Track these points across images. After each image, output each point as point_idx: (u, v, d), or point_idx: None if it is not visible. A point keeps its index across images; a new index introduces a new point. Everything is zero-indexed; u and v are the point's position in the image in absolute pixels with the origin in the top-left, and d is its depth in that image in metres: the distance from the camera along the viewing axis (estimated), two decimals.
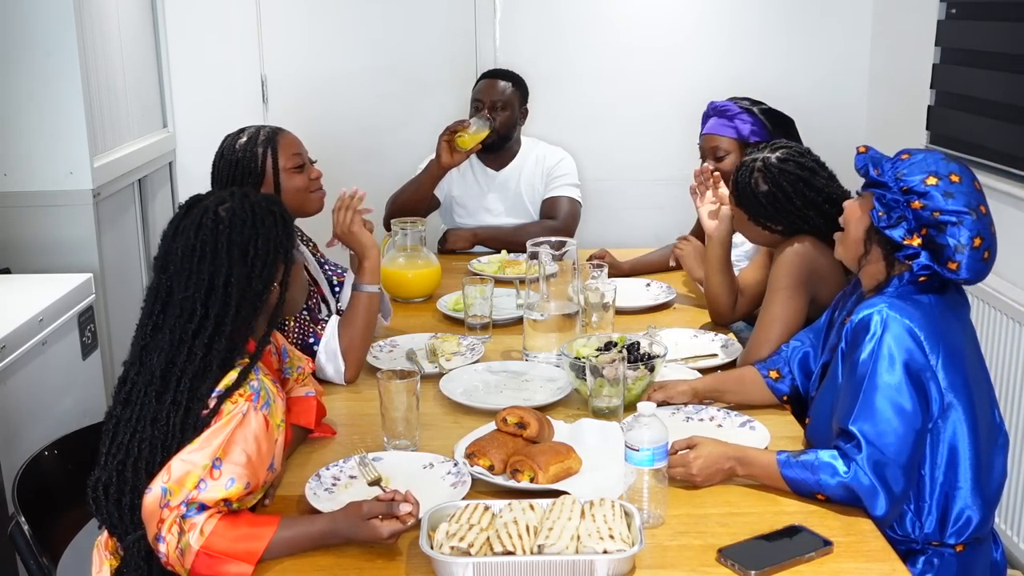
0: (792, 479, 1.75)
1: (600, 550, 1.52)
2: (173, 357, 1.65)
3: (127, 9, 3.80)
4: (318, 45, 4.30)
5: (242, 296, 1.69)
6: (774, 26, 4.27)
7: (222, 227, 1.71)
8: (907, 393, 1.72)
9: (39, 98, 3.20)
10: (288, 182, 2.38)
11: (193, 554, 1.55)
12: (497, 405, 2.12)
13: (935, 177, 1.78)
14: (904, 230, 1.80)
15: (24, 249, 3.23)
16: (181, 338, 1.66)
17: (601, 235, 3.79)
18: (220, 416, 1.62)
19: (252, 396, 1.66)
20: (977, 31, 3.36)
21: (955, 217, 1.76)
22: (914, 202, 1.78)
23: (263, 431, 1.66)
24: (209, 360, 1.65)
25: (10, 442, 2.41)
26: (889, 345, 1.74)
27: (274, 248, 1.75)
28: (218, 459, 1.60)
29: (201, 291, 1.68)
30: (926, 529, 1.79)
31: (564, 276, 2.41)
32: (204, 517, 1.56)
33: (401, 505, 1.60)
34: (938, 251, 1.78)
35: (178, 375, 1.64)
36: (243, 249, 1.71)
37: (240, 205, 1.75)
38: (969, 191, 1.78)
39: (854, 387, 1.76)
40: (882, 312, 1.76)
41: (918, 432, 1.73)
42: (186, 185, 4.30)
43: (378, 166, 4.24)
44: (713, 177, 2.63)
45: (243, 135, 2.40)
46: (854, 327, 1.80)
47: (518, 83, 3.59)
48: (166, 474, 1.58)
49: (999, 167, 3.17)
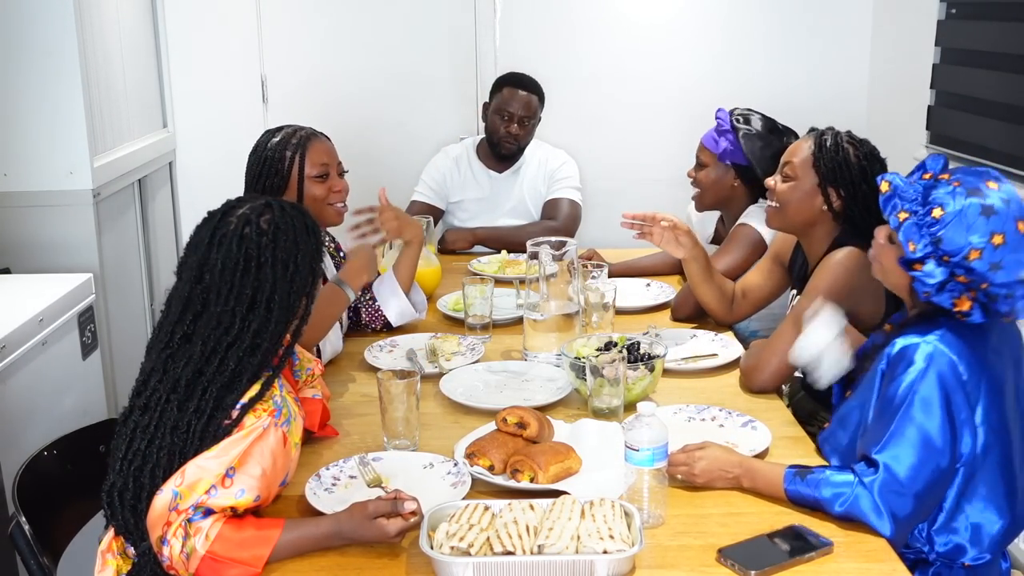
0: (798, 501, 1.73)
1: (600, 550, 1.52)
2: (203, 367, 1.63)
3: (127, 9, 3.80)
4: (318, 45, 4.30)
5: (281, 311, 1.68)
6: (774, 27, 4.27)
7: (266, 240, 1.68)
8: (940, 431, 1.67)
9: (39, 98, 3.20)
10: (309, 190, 2.38)
11: (199, 559, 1.54)
12: (497, 405, 2.12)
13: (977, 251, 1.64)
14: (951, 297, 1.70)
15: (24, 249, 3.23)
16: (214, 349, 1.63)
17: (601, 236, 3.78)
18: (241, 427, 1.62)
19: (275, 412, 1.66)
20: (977, 31, 3.36)
21: (1006, 290, 1.66)
22: (960, 276, 1.67)
23: (280, 447, 1.66)
24: (240, 372, 1.63)
25: (10, 442, 2.41)
26: (931, 382, 1.67)
27: (311, 263, 1.73)
28: (232, 468, 1.59)
29: (243, 305, 1.65)
30: (939, 550, 1.76)
31: (564, 276, 2.41)
32: (210, 522, 1.56)
33: (406, 503, 1.61)
34: (989, 306, 1.69)
35: (205, 385, 1.62)
36: (286, 264, 1.69)
37: (281, 217, 1.72)
38: (1015, 247, 1.64)
39: (888, 417, 1.70)
40: (931, 345, 1.68)
41: (942, 470, 1.68)
42: (186, 185, 4.30)
43: (378, 165, 4.23)
44: (652, 218, 2.53)
45: (278, 134, 2.39)
46: (899, 352, 1.72)
47: (541, 93, 3.58)
48: (179, 477, 1.58)
49: (999, 167, 3.16)
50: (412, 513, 1.61)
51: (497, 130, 3.53)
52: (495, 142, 3.56)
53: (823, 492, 1.69)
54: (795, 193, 2.31)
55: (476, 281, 2.65)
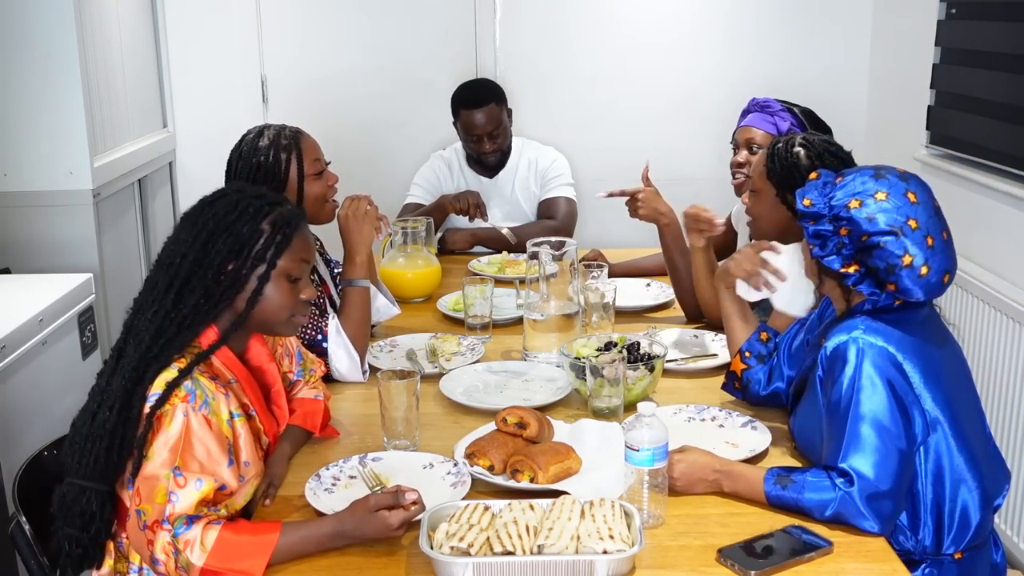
0: (779, 506, 1.73)
1: (600, 550, 1.52)
2: (127, 338, 1.69)
3: (127, 9, 3.80)
4: (318, 45, 4.30)
5: (186, 281, 1.67)
6: (774, 26, 4.27)
7: (206, 207, 1.72)
8: (891, 417, 1.69)
9: (39, 98, 3.20)
10: (309, 188, 2.35)
11: (197, 572, 1.52)
12: (497, 405, 2.12)
13: (858, 200, 1.74)
14: (840, 259, 1.77)
15: (24, 249, 3.23)
16: (136, 319, 1.69)
17: (601, 235, 3.79)
18: (161, 423, 1.59)
19: (187, 397, 1.61)
20: (977, 31, 3.36)
21: (879, 239, 1.73)
22: (842, 228, 1.76)
23: (206, 431, 1.61)
24: (149, 355, 1.63)
25: (10, 442, 2.41)
26: (869, 373, 1.71)
27: (238, 252, 1.69)
28: (177, 468, 1.57)
29: (163, 272, 1.69)
30: (924, 543, 1.78)
31: (564, 276, 2.41)
32: (199, 530, 1.53)
33: (407, 495, 1.61)
34: (874, 274, 1.76)
35: (129, 358, 1.65)
36: (209, 235, 1.69)
37: (240, 197, 1.73)
38: (896, 207, 1.72)
39: (839, 423, 1.72)
40: (858, 341, 1.73)
41: (905, 453, 1.70)
42: (186, 185, 4.31)
43: (378, 166, 4.24)
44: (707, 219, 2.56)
45: (264, 136, 2.33)
46: (830, 356, 1.76)
47: (497, 94, 3.52)
48: (136, 497, 1.57)
49: (999, 167, 3.17)
50: (414, 503, 1.61)
51: (473, 150, 3.53)
52: (476, 159, 3.57)
53: (805, 499, 1.69)
54: (762, 207, 2.33)
55: (476, 281, 2.65)
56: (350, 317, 2.33)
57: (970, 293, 3.17)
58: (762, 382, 2.10)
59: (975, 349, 3.14)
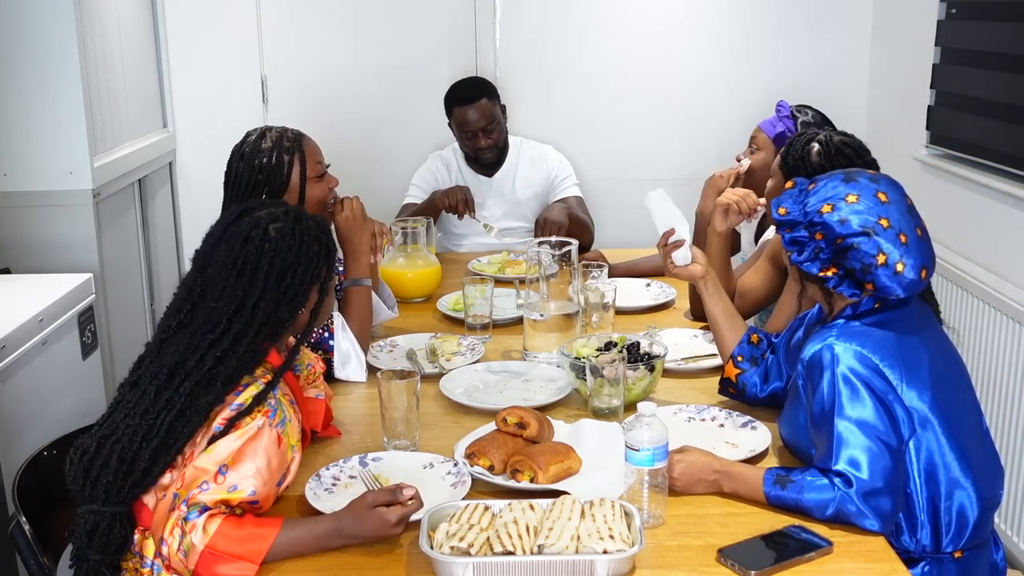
0: (779, 506, 1.73)
1: (600, 550, 1.52)
2: (184, 359, 1.66)
3: (127, 9, 3.80)
4: (318, 45, 4.30)
5: (265, 320, 1.70)
6: (774, 27, 4.27)
7: (267, 247, 1.71)
8: (876, 415, 1.70)
9: (39, 98, 3.20)
10: (311, 192, 2.35)
11: (197, 554, 1.55)
12: (497, 405, 2.12)
13: (830, 204, 1.77)
14: (819, 263, 1.80)
15: (24, 249, 3.23)
16: (199, 344, 1.66)
17: (601, 235, 3.78)
18: (237, 428, 1.64)
19: (269, 412, 1.67)
20: (977, 31, 3.36)
21: (853, 240, 1.75)
22: (817, 233, 1.79)
23: (275, 447, 1.67)
24: (216, 373, 1.65)
25: (10, 442, 2.41)
26: (846, 375, 1.72)
27: (311, 277, 1.75)
28: (225, 466, 1.61)
29: (231, 307, 1.68)
30: (923, 542, 1.78)
31: (564, 276, 2.41)
32: (204, 518, 1.57)
33: (404, 491, 1.62)
34: (852, 276, 1.78)
35: (182, 377, 1.64)
36: (281, 275, 1.71)
37: (291, 228, 1.74)
38: (868, 208, 1.75)
39: (827, 427, 1.73)
40: (832, 347, 1.75)
41: (895, 450, 1.70)
42: (186, 185, 4.31)
43: (378, 166, 4.24)
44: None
45: (266, 138, 2.33)
46: (807, 364, 1.79)
47: (488, 89, 3.54)
48: (179, 481, 1.60)
49: (999, 167, 3.16)
50: (411, 499, 1.61)
51: (469, 148, 3.54)
52: (473, 157, 3.57)
53: (805, 499, 1.70)
54: (773, 194, 2.38)
55: (476, 281, 2.65)
56: (354, 315, 2.35)
57: (970, 293, 3.16)
58: (758, 384, 2.10)
59: (975, 349, 3.14)
